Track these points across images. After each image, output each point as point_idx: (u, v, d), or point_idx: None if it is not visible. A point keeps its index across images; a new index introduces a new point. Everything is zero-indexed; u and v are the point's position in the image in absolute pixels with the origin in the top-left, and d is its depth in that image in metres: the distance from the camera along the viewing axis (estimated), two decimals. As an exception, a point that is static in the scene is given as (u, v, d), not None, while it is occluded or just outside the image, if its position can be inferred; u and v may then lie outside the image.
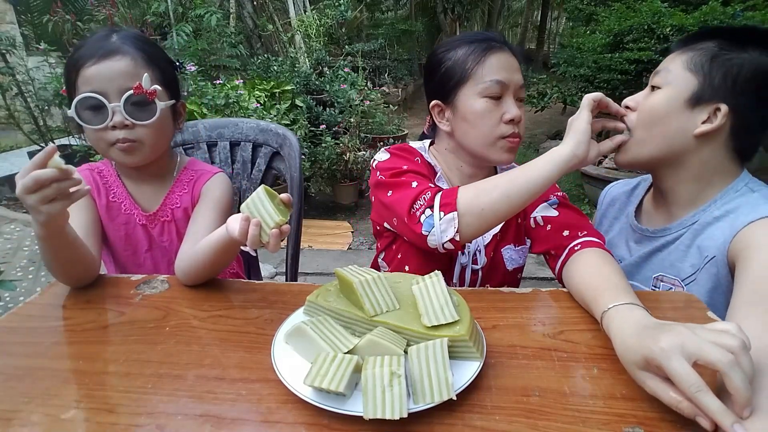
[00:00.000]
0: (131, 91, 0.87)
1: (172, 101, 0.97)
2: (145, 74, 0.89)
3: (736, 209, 0.84)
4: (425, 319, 0.61)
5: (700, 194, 0.90)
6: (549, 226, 0.94)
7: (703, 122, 0.84)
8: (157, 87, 0.91)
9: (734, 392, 0.47)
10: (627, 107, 0.92)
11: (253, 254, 0.84)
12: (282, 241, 0.74)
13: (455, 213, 0.79)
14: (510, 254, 1.01)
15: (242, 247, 0.75)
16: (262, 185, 0.73)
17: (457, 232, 0.79)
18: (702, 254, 0.86)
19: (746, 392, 0.47)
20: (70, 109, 0.89)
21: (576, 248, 0.86)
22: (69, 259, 0.81)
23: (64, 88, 0.94)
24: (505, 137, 0.92)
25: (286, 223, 0.73)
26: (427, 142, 1.08)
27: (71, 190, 0.68)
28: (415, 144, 1.07)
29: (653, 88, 0.89)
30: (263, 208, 0.72)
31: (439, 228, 0.80)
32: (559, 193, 0.99)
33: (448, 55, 0.94)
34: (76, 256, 0.81)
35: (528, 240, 1.02)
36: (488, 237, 1.01)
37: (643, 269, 0.97)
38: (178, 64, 1.03)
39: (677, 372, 0.49)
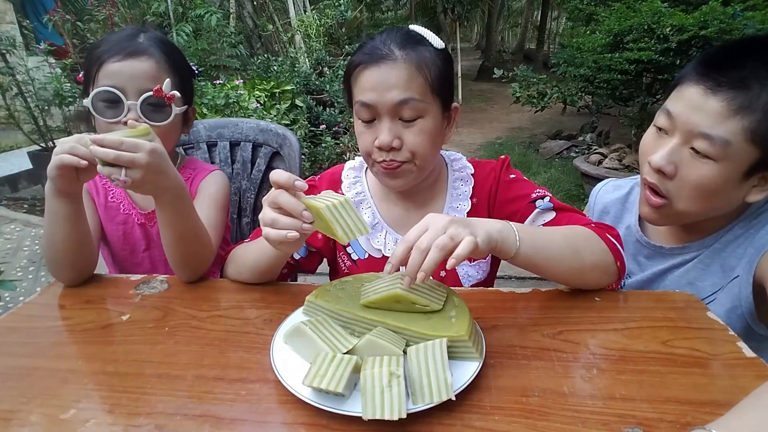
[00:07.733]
0: (150, 93, 0.91)
1: (185, 107, 0.99)
2: (167, 79, 0.92)
3: (758, 224, 0.82)
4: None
5: (722, 220, 0.87)
6: None
7: (754, 186, 0.79)
8: (176, 93, 0.94)
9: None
10: (660, 171, 0.81)
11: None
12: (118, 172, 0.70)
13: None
14: (466, 271, 0.94)
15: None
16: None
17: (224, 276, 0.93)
18: (726, 273, 0.84)
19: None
20: (86, 97, 0.92)
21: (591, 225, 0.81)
22: (79, 237, 0.82)
23: (81, 75, 0.97)
24: (378, 162, 0.84)
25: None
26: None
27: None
28: (351, 165, 1.01)
29: (695, 151, 0.77)
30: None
31: None
32: (543, 192, 0.90)
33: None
34: (85, 235, 0.84)
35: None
36: None
37: (657, 286, 0.94)
38: (197, 72, 1.05)
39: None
